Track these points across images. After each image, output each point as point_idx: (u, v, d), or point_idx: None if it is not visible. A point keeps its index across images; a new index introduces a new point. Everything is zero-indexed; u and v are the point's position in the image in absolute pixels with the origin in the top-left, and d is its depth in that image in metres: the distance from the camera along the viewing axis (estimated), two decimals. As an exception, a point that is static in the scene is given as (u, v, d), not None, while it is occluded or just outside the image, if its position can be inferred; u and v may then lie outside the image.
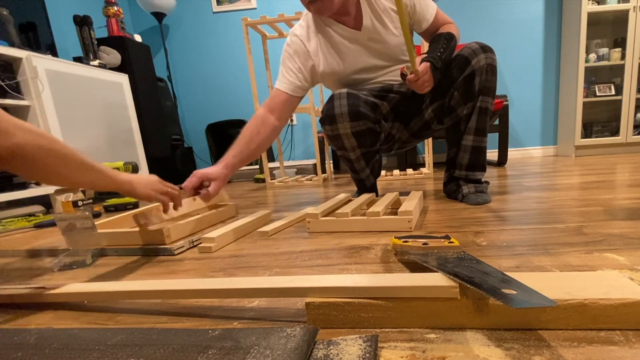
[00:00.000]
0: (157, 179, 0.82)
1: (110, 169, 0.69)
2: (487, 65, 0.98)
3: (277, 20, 1.86)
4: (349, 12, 1.03)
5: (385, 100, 1.10)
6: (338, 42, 1.07)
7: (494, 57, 1.00)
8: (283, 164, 2.38)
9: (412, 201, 0.92)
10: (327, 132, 1.05)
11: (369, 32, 1.04)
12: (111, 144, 2.10)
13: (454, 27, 1.06)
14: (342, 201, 1.07)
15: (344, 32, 1.05)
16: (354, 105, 0.99)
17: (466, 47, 1.01)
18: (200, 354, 0.34)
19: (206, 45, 2.95)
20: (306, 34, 1.09)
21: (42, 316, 0.50)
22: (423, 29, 1.08)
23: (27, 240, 1.06)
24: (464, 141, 1.06)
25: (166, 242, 0.83)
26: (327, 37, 1.07)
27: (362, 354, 0.32)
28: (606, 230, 0.69)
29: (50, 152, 0.54)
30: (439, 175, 1.91)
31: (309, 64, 1.09)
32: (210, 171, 0.95)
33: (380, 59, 1.09)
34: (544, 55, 2.64)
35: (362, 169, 1.15)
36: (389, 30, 1.05)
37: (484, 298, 0.36)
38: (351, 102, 0.99)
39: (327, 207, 0.95)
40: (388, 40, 1.06)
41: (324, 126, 1.04)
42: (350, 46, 1.07)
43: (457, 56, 1.02)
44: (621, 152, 2.49)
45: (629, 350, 0.32)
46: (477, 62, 0.98)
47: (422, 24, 1.06)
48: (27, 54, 1.61)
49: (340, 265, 0.62)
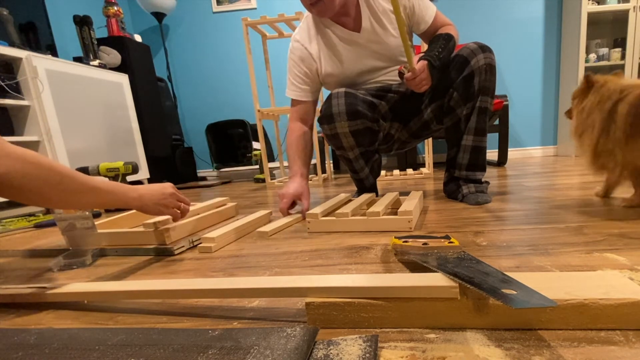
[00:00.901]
0: (170, 191, 0.78)
1: (120, 188, 0.66)
2: (486, 65, 0.98)
3: (277, 20, 1.86)
4: (349, 13, 1.03)
5: (383, 100, 1.11)
6: (337, 44, 1.07)
7: (492, 57, 1.00)
8: (283, 164, 2.38)
9: (412, 201, 0.92)
10: (325, 131, 1.06)
11: (368, 34, 1.05)
12: (111, 144, 2.10)
13: (453, 29, 1.06)
14: (342, 201, 1.07)
15: (343, 35, 1.06)
16: (351, 104, 0.99)
17: (465, 47, 1.02)
18: (200, 354, 0.34)
19: (206, 45, 2.95)
20: (307, 36, 1.10)
21: (42, 316, 0.50)
22: (422, 31, 1.08)
23: (27, 240, 1.06)
24: (463, 141, 1.06)
25: (167, 242, 0.83)
26: (326, 39, 1.08)
27: (362, 354, 0.32)
28: (606, 230, 0.69)
29: (38, 179, 0.51)
30: (439, 175, 1.91)
31: (314, 67, 1.11)
32: (296, 188, 1.04)
33: (380, 60, 1.09)
34: (544, 55, 2.64)
35: (361, 169, 1.15)
36: (388, 32, 1.05)
37: (484, 298, 0.36)
38: (349, 101, 0.99)
39: (327, 207, 0.95)
40: (387, 42, 1.06)
41: (322, 125, 1.05)
42: (349, 48, 1.07)
43: (455, 56, 1.03)
44: (621, 152, 2.48)
45: (629, 350, 0.32)
46: (476, 62, 0.98)
47: (421, 26, 1.06)
48: (27, 54, 1.61)
49: (340, 265, 0.62)
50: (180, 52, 2.98)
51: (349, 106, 0.99)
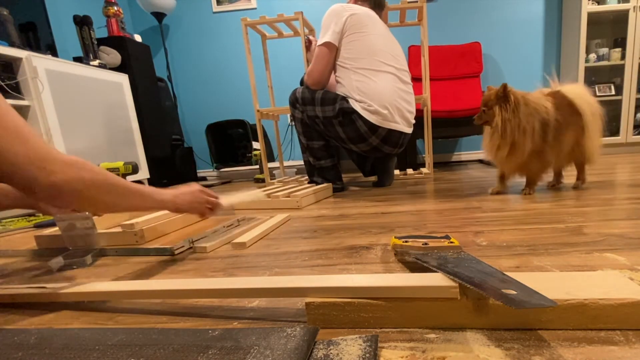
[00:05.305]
0: (198, 188, 0.79)
1: (156, 191, 0.67)
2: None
3: (276, 21, 1.86)
4: None
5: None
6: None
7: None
8: (283, 164, 2.38)
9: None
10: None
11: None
12: (111, 144, 2.10)
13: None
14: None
15: None
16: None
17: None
18: (200, 354, 0.34)
19: (206, 45, 2.95)
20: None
21: (42, 316, 0.50)
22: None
23: (27, 240, 1.06)
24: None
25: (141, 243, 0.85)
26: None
27: (362, 354, 0.32)
28: (606, 230, 0.69)
29: (93, 185, 0.52)
30: (439, 175, 1.91)
31: None
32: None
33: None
34: (544, 55, 2.64)
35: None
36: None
37: (484, 298, 0.36)
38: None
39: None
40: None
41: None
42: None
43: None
44: (621, 152, 2.49)
45: (629, 350, 0.32)
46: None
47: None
48: (27, 54, 1.61)
49: (340, 265, 0.62)
50: (180, 52, 2.98)
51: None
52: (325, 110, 1.43)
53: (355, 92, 1.40)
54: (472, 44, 2.58)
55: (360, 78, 1.40)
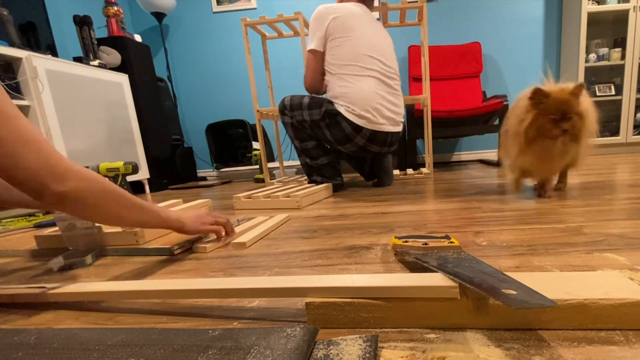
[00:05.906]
0: (204, 211, 0.83)
1: (162, 209, 0.68)
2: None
3: (276, 21, 1.86)
4: None
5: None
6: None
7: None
8: (283, 164, 2.38)
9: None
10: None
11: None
12: (111, 144, 2.10)
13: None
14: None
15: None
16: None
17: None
18: (200, 354, 0.34)
19: (206, 45, 2.95)
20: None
21: (42, 316, 0.50)
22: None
23: (27, 240, 1.06)
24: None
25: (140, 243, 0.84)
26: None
27: (362, 354, 0.32)
28: (606, 230, 0.69)
29: (100, 196, 0.54)
30: (439, 175, 1.91)
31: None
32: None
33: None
34: (544, 55, 2.64)
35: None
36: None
37: (484, 298, 0.36)
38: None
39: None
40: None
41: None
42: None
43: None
44: (621, 152, 2.49)
45: (629, 350, 0.32)
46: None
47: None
48: (27, 54, 1.61)
49: (340, 265, 0.62)
50: (180, 52, 2.98)
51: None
52: (312, 113, 1.47)
53: (340, 97, 1.45)
54: (472, 44, 2.59)
55: (343, 83, 1.44)
